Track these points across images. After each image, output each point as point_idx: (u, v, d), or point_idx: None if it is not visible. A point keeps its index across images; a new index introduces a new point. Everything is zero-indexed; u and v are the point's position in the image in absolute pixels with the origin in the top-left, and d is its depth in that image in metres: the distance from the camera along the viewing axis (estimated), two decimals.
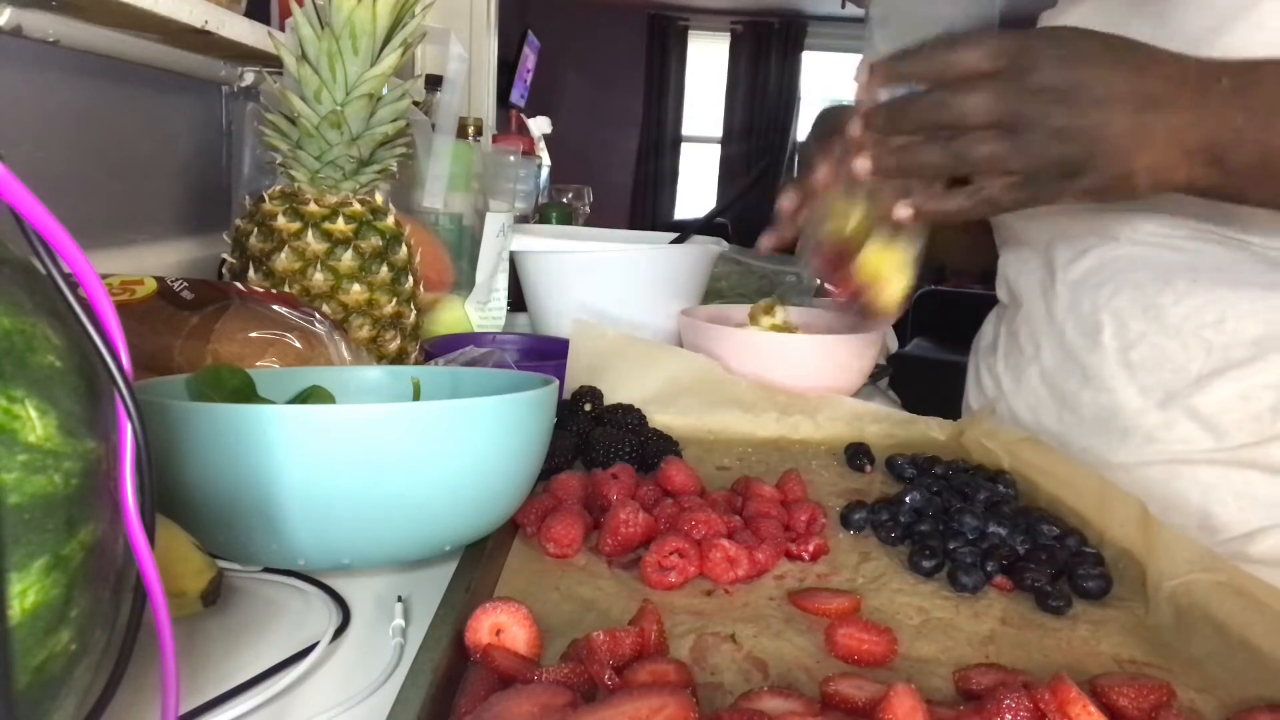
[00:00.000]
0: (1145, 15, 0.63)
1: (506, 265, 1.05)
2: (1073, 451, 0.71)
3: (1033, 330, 0.76)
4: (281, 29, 1.03)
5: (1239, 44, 0.56)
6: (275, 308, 0.61)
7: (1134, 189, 0.53)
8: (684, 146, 6.23)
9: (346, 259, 0.72)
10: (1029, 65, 0.50)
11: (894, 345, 1.04)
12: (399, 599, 0.45)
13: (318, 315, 0.63)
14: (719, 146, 6.19)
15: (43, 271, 0.25)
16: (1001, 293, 0.83)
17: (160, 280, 0.62)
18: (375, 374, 0.60)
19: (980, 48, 0.51)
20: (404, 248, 0.77)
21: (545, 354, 0.91)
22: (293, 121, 0.71)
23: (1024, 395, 0.77)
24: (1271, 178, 0.52)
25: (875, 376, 0.95)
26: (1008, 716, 0.33)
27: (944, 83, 0.52)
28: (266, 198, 0.73)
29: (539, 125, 2.66)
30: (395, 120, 0.73)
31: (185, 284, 0.62)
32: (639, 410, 0.73)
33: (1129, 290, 0.68)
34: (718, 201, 6.07)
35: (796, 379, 0.81)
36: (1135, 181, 0.52)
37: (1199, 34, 0.59)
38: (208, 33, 0.84)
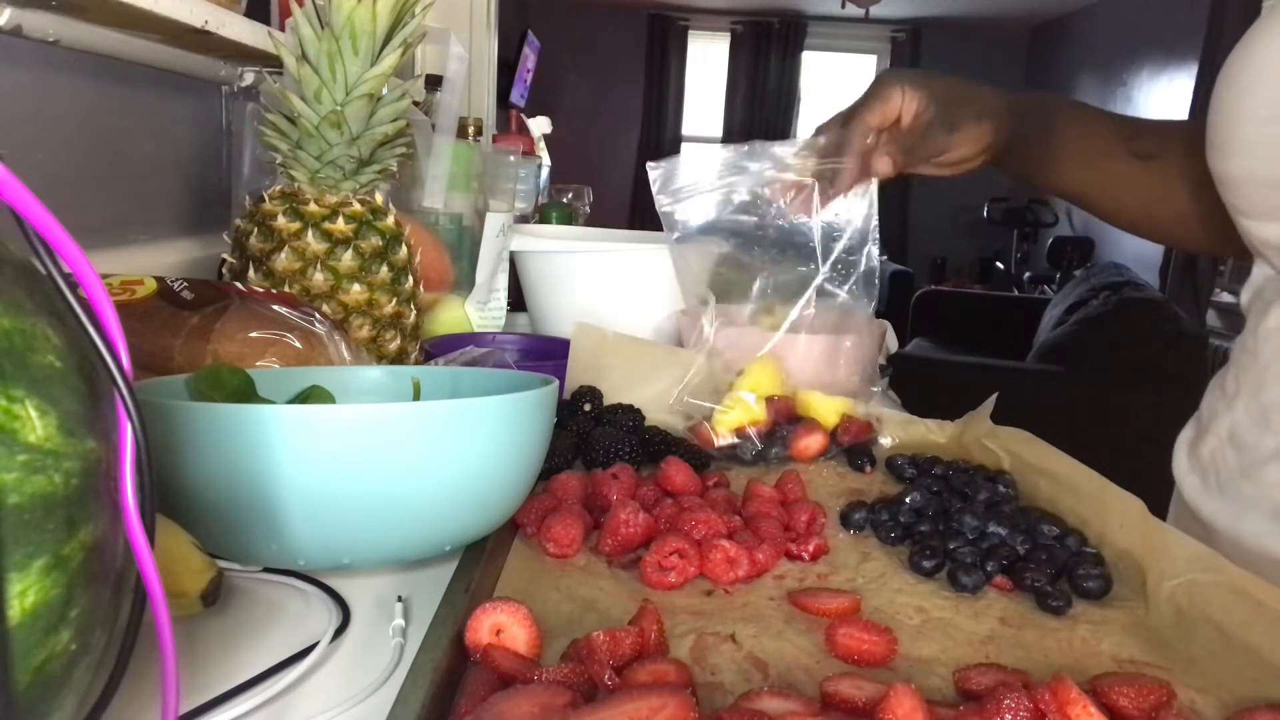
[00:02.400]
0: None
1: (506, 265, 1.05)
2: (1243, 542, 0.58)
3: (1239, 367, 0.62)
4: (281, 29, 1.03)
5: None
6: (275, 308, 0.61)
7: None
8: (684, 146, 6.23)
9: (346, 259, 0.72)
10: None
11: (894, 345, 1.04)
12: (399, 599, 0.45)
13: (318, 315, 0.63)
14: (719, 147, 6.18)
15: (43, 271, 0.25)
16: (1244, 306, 0.65)
17: (160, 280, 0.62)
18: (375, 374, 0.60)
19: None
20: (404, 248, 0.77)
21: (545, 354, 0.91)
22: (293, 121, 0.71)
23: (1210, 442, 0.63)
24: None
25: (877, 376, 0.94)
26: (1008, 716, 0.34)
27: None
28: (266, 198, 0.73)
29: (539, 125, 2.66)
30: (395, 120, 0.73)
31: (185, 284, 0.62)
32: (639, 410, 0.73)
33: None
34: None
35: (796, 379, 0.81)
36: None
37: None
38: (208, 33, 0.84)
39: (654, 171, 0.82)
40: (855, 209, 0.79)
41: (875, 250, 0.80)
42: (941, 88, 0.74)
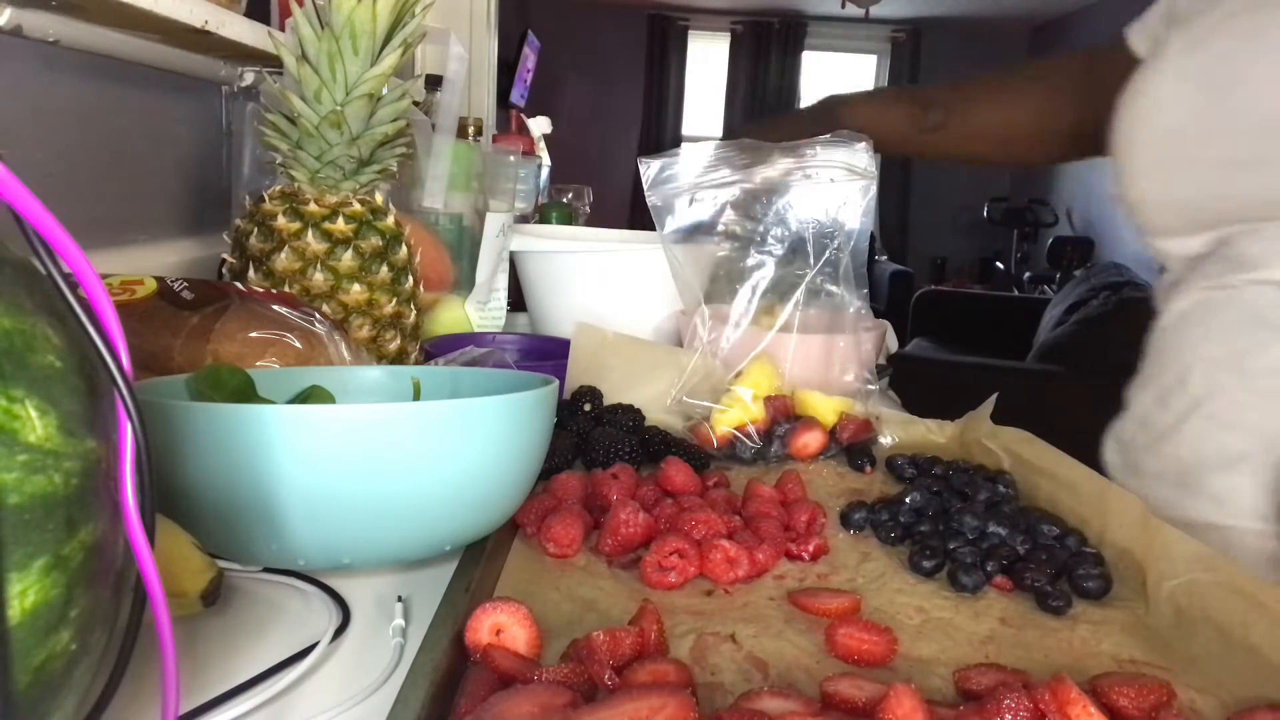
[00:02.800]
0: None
1: (506, 265, 1.05)
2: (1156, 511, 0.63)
3: (1147, 357, 0.71)
4: (281, 29, 1.03)
5: None
6: (275, 308, 0.61)
7: None
8: (684, 147, 6.22)
9: (346, 259, 0.72)
10: None
11: (894, 345, 1.04)
12: (399, 599, 0.45)
13: (318, 315, 0.63)
14: (712, 144, 6.17)
15: (43, 271, 0.25)
16: (1157, 299, 0.74)
17: (160, 280, 0.62)
18: (375, 374, 0.60)
19: None
20: (404, 248, 0.77)
21: (545, 354, 0.91)
22: (293, 121, 0.71)
23: (1125, 422, 0.71)
24: None
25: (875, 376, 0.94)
26: (1008, 716, 0.34)
27: None
28: (266, 198, 0.73)
29: (539, 125, 2.66)
30: (395, 120, 0.73)
31: (185, 284, 0.62)
32: (639, 410, 0.73)
33: (1220, 333, 0.63)
34: None
35: (797, 379, 0.81)
36: None
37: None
38: (208, 33, 0.84)
39: (646, 168, 0.82)
40: (851, 210, 0.79)
41: (865, 249, 0.81)
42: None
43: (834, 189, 0.80)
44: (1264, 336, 0.60)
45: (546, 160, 2.48)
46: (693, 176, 0.83)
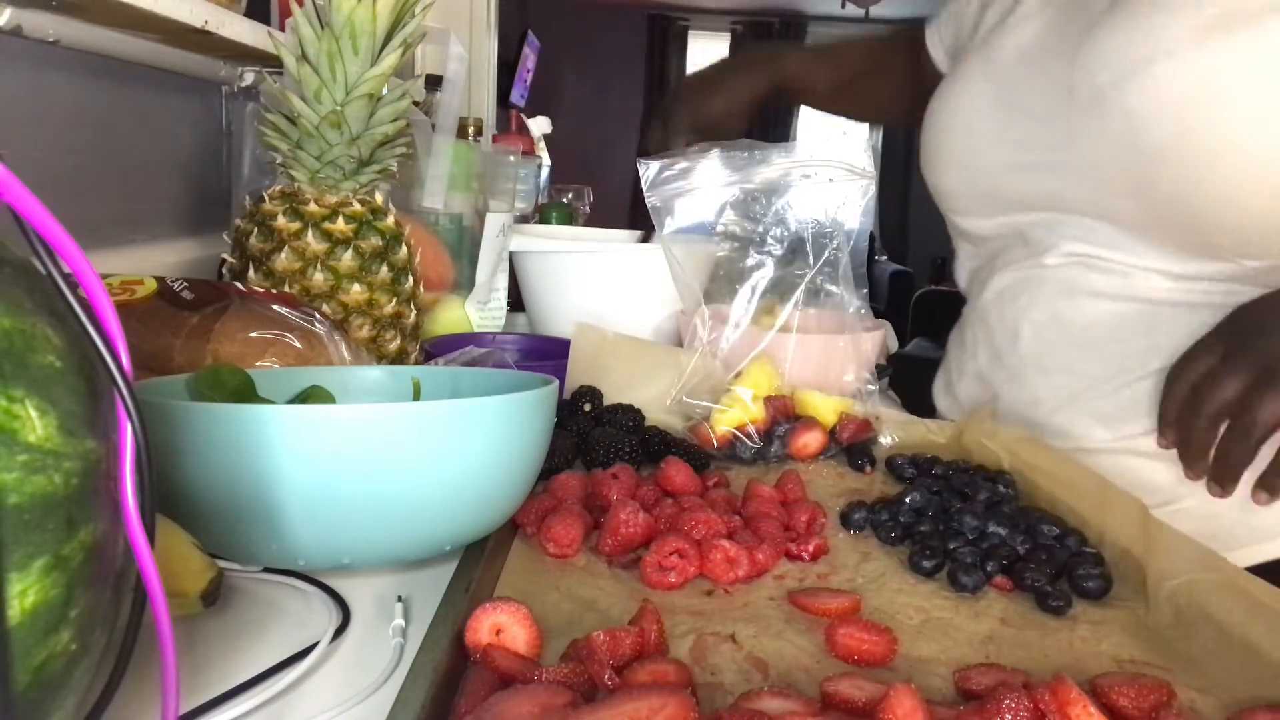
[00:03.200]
0: (1060, 58, 0.72)
1: (506, 265, 1.05)
2: None
3: (974, 328, 0.85)
4: (281, 29, 1.03)
5: (1137, 103, 0.64)
6: (275, 308, 0.61)
7: None
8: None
9: (346, 259, 0.72)
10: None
11: (894, 345, 1.04)
12: (399, 599, 0.45)
13: (318, 315, 0.63)
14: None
15: (43, 271, 0.25)
16: (961, 286, 0.92)
17: (160, 280, 0.62)
18: (375, 374, 0.60)
19: (1237, 378, 0.59)
20: (404, 248, 0.77)
21: (545, 354, 0.91)
22: (293, 121, 0.71)
23: (965, 385, 0.86)
24: None
25: (875, 376, 0.94)
26: (1008, 716, 0.34)
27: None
28: (266, 198, 0.73)
29: (539, 125, 2.66)
30: (395, 120, 0.73)
31: (185, 284, 0.62)
32: (639, 410, 0.73)
33: (1043, 301, 0.76)
34: None
35: (797, 379, 0.81)
36: None
37: (1101, 87, 0.67)
38: (208, 33, 0.84)
39: (645, 169, 0.82)
40: (850, 209, 0.79)
41: (864, 249, 0.82)
42: None
43: (833, 189, 0.80)
44: (1080, 300, 0.74)
45: (546, 160, 2.49)
46: (692, 177, 0.83)
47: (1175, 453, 0.64)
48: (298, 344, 0.59)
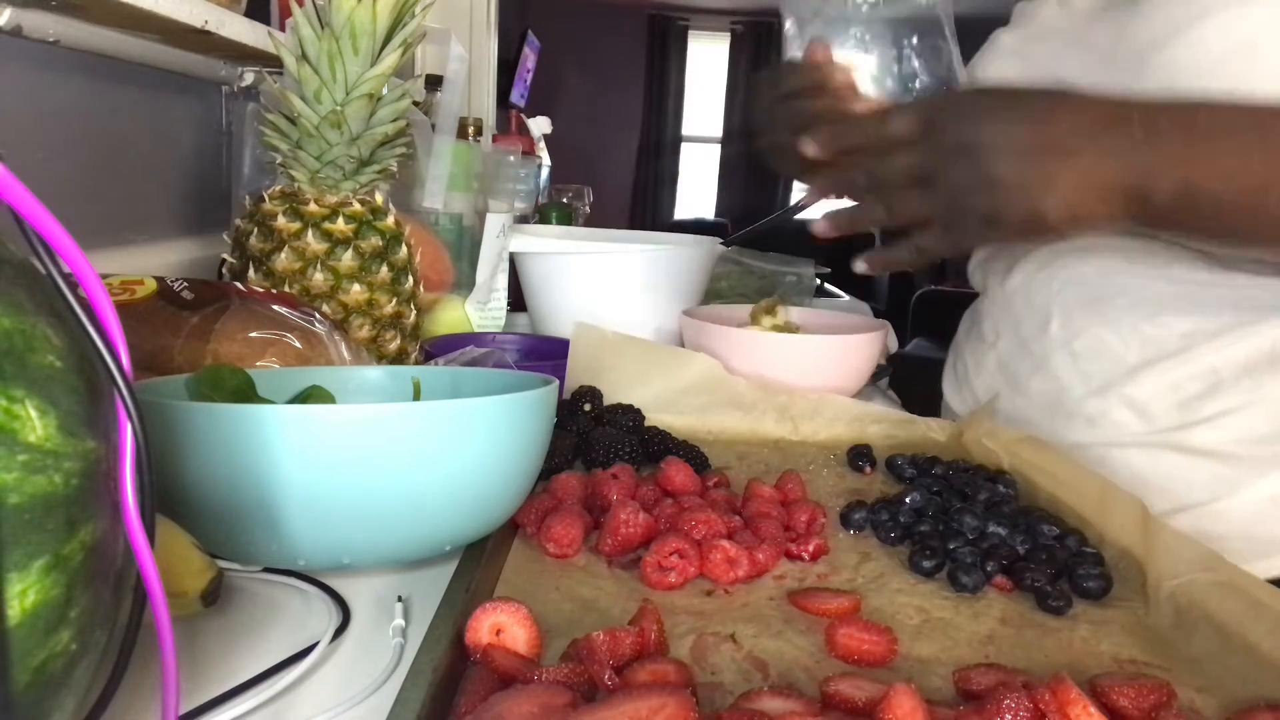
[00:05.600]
0: (1105, 23, 0.69)
1: (506, 265, 1.05)
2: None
3: (994, 319, 0.82)
4: (281, 29, 1.03)
5: (1183, 58, 0.61)
6: (275, 308, 0.61)
7: (1051, 229, 0.56)
8: (684, 147, 6.23)
9: (346, 259, 0.72)
10: (939, 128, 0.57)
11: (894, 345, 1.04)
12: (399, 599, 0.45)
13: (318, 315, 0.63)
14: (719, 147, 6.18)
15: (43, 271, 0.25)
16: (975, 280, 0.89)
17: (160, 280, 0.62)
18: (375, 374, 0.60)
19: (902, 118, 0.59)
20: (404, 248, 0.77)
21: (545, 354, 0.91)
22: (293, 121, 0.71)
23: (983, 378, 0.83)
24: (1194, 213, 0.55)
25: (875, 376, 0.94)
26: (1008, 716, 0.33)
27: (876, 149, 0.60)
28: (266, 198, 0.73)
29: (539, 125, 2.66)
30: (395, 120, 0.73)
31: (185, 284, 0.62)
32: (639, 410, 0.73)
33: (1074, 285, 0.73)
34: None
35: (797, 379, 0.81)
36: (1049, 223, 0.56)
37: (1143, 49, 0.64)
38: (208, 33, 0.84)
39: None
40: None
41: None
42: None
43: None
44: (1115, 280, 0.70)
45: (546, 160, 2.48)
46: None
47: (1216, 450, 0.63)
48: (298, 344, 0.59)
